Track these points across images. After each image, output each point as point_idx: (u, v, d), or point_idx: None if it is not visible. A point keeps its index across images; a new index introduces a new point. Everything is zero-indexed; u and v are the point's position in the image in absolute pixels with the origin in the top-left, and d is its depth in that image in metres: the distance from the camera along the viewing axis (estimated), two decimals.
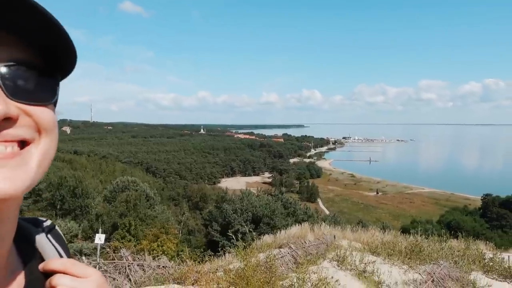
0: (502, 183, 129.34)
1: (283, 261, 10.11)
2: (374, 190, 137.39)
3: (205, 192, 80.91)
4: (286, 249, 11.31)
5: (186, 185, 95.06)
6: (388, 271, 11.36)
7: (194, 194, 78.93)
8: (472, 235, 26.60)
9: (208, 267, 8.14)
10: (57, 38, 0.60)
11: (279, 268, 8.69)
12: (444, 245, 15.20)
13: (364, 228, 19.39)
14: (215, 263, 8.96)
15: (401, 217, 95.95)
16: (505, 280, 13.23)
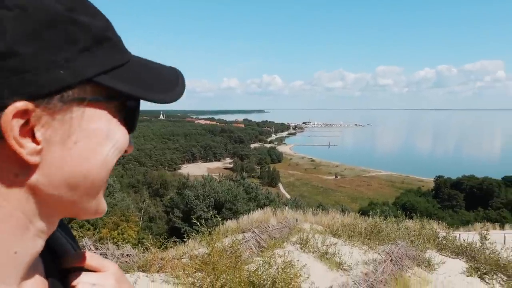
0: (453, 165, 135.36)
1: (248, 245, 10.18)
2: (333, 174, 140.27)
3: (166, 178, 79.98)
4: (250, 234, 11.38)
5: (146, 172, 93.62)
6: (349, 252, 11.68)
7: (154, 181, 77.90)
8: (426, 215, 27.70)
9: (173, 254, 8.08)
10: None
11: (244, 253, 8.75)
12: (401, 225, 15.76)
13: (325, 211, 19.79)
14: (180, 250, 8.90)
15: (359, 200, 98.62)
16: (457, 257, 13.92)
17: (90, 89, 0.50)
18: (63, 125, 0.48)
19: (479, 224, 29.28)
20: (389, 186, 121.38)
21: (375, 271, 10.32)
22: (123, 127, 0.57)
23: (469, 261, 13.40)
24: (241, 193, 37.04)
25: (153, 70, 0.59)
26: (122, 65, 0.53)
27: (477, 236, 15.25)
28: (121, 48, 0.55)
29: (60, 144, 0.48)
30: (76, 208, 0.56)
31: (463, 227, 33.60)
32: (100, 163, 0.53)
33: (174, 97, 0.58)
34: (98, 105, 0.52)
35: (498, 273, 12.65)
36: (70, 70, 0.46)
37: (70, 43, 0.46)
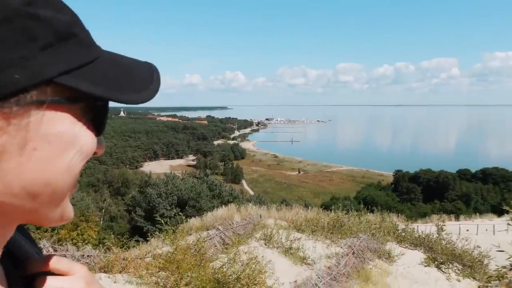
0: (411, 159, 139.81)
1: (212, 243, 10.14)
2: (296, 170, 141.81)
3: (127, 177, 78.45)
4: (214, 231, 11.33)
5: (107, 170, 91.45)
6: (312, 247, 11.84)
7: (115, 179, 76.28)
8: (386, 208, 28.52)
9: (136, 254, 7.93)
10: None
11: (208, 250, 8.70)
12: (362, 219, 16.11)
13: (288, 207, 19.94)
14: (143, 249, 8.75)
15: (322, 195, 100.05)
16: (416, 248, 14.39)
17: (51, 90, 0.45)
18: (19, 130, 0.43)
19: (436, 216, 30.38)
20: (350, 180, 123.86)
21: (337, 265, 10.52)
22: (90, 131, 0.53)
23: (427, 252, 13.88)
24: (205, 190, 36.81)
25: (124, 66, 0.54)
26: (88, 62, 0.49)
27: (434, 228, 15.82)
28: (89, 43, 0.50)
29: (18, 151, 0.44)
30: (38, 216, 0.52)
31: (421, 219, 34.80)
32: (63, 170, 0.49)
33: (147, 96, 0.53)
34: (60, 108, 0.47)
35: (454, 263, 13.18)
36: (27, 70, 0.42)
37: (28, 40, 0.41)
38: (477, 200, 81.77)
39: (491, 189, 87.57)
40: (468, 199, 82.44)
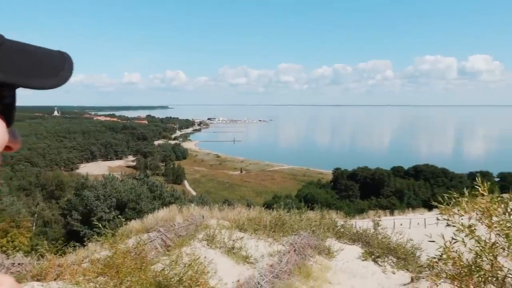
0: (349, 157, 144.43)
1: (153, 245, 9.92)
2: (239, 169, 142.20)
3: (62, 179, 74.99)
4: (155, 233, 11.11)
5: (39, 173, 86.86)
6: (255, 245, 11.92)
7: (49, 182, 72.58)
8: (326, 205, 29.36)
9: (72, 259, 7.57)
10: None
11: (149, 253, 8.50)
12: (303, 217, 16.46)
13: (231, 206, 19.95)
14: (80, 254, 8.38)
15: (264, 194, 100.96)
16: (354, 243, 14.91)
17: None
18: None
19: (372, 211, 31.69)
20: (291, 179, 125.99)
21: (280, 262, 10.66)
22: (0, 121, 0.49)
23: (364, 246, 14.44)
24: (145, 191, 35.95)
25: (31, 54, 0.51)
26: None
27: (371, 223, 16.49)
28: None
29: None
30: None
31: (358, 215, 36.15)
32: None
33: (56, 82, 0.51)
34: None
35: (389, 256, 13.80)
36: None
37: None
38: (409, 196, 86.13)
39: (422, 185, 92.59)
40: (402, 195, 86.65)
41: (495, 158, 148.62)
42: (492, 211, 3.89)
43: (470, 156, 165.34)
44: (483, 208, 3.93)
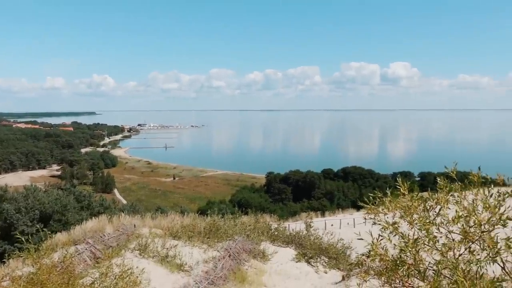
0: (282, 161, 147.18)
1: (82, 258, 9.45)
2: (171, 176, 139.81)
3: None
4: (83, 245, 10.59)
5: None
6: (189, 253, 11.76)
7: None
8: (259, 209, 29.62)
9: None
10: None
11: (78, 266, 8.09)
12: (237, 221, 16.49)
13: (164, 214, 19.54)
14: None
15: (198, 200, 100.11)
16: (288, 246, 15.18)
17: None
18: None
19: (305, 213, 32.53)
20: (225, 184, 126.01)
21: (215, 268, 10.60)
22: None
23: (298, 248, 14.75)
24: (72, 202, 34.19)
25: None
26: None
27: (303, 225, 16.90)
28: None
29: None
30: None
31: (291, 218, 36.88)
32: None
33: None
34: None
35: (321, 256, 14.22)
36: None
37: None
38: (339, 197, 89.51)
39: (350, 186, 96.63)
40: (332, 196, 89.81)
41: (416, 159, 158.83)
42: (413, 209, 4.15)
43: (393, 158, 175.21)
44: (404, 206, 4.19)
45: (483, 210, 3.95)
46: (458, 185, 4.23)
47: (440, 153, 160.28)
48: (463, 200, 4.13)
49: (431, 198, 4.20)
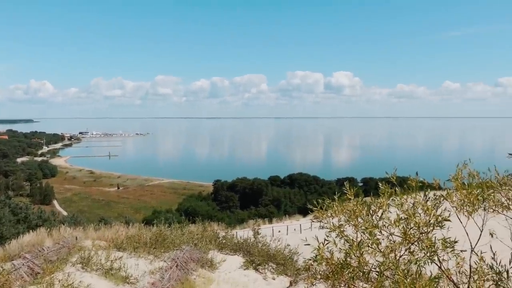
0: (229, 169, 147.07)
1: (19, 274, 8.93)
2: (115, 185, 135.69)
3: None
4: (20, 260, 10.01)
5: None
6: (135, 264, 11.45)
7: None
8: (207, 218, 29.43)
9: None
10: None
11: (14, 283, 7.64)
12: (184, 230, 16.28)
13: (108, 225, 18.94)
14: None
15: (143, 209, 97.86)
16: (235, 254, 15.17)
17: None
18: None
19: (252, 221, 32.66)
20: (172, 193, 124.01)
21: (162, 279, 10.39)
22: None
23: (246, 255, 14.78)
24: (7, 215, 32.24)
25: None
26: None
27: (251, 232, 16.96)
28: None
29: None
30: None
31: (239, 225, 36.91)
32: None
33: None
34: None
35: (269, 263, 14.33)
36: None
37: None
38: (286, 203, 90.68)
39: (297, 192, 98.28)
40: (279, 203, 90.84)
41: (358, 165, 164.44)
42: (358, 213, 4.31)
43: (337, 164, 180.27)
44: (350, 210, 4.34)
45: (421, 212, 4.17)
46: (398, 189, 4.45)
47: (381, 159, 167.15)
48: (404, 203, 4.34)
49: (374, 202, 4.39)
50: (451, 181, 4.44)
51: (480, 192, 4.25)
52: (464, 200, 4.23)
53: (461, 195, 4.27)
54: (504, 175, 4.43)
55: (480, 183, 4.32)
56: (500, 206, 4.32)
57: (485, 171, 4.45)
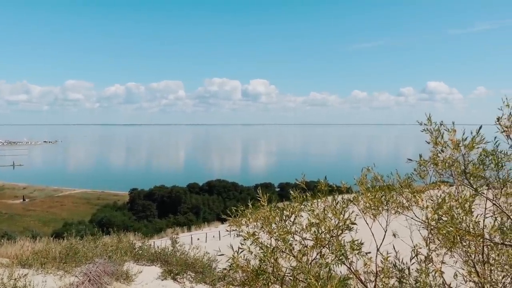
0: (146, 177, 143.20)
1: None
2: (21, 197, 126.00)
3: None
4: None
5: None
6: (42, 281, 10.70)
7: None
8: (123, 228, 28.39)
9: None
10: None
11: None
12: (98, 243, 15.55)
13: (11, 241, 17.58)
14: None
15: (52, 222, 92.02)
16: (153, 264, 14.79)
17: None
18: None
19: (170, 229, 32.12)
20: (84, 203, 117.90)
21: None
22: None
23: (163, 265, 14.45)
24: None
25: None
26: None
27: (170, 241, 16.66)
28: None
29: None
30: None
31: (157, 235, 36.13)
32: None
33: None
34: None
35: (188, 271, 14.15)
36: None
37: None
38: (205, 211, 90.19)
39: (215, 199, 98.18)
40: (198, 210, 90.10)
41: (275, 170, 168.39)
42: (271, 219, 4.43)
43: (255, 170, 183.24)
44: (264, 217, 4.45)
45: (331, 216, 4.39)
46: (309, 194, 4.65)
47: (296, 165, 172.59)
48: (315, 208, 4.54)
49: (286, 208, 4.54)
50: (357, 185, 4.74)
51: (383, 194, 4.57)
52: (369, 203, 4.53)
53: (366, 199, 4.57)
54: (405, 178, 4.79)
55: (382, 186, 4.66)
56: (401, 207, 4.69)
57: (389, 175, 4.80)
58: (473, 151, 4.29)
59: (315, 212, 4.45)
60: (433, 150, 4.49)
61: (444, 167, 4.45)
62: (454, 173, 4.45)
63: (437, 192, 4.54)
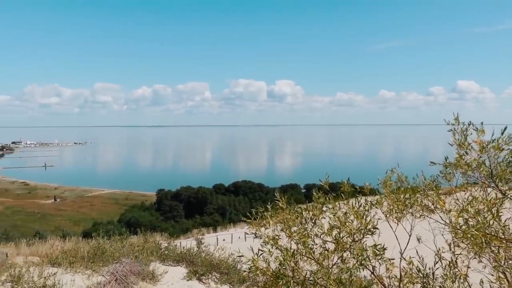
0: (173, 178, 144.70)
1: None
2: (52, 197, 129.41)
3: None
4: None
5: None
6: (71, 280, 10.93)
7: None
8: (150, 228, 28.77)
9: None
10: None
11: None
12: (125, 243, 15.78)
13: (42, 240, 18.03)
14: None
15: (82, 222, 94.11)
16: (178, 264, 14.91)
17: None
18: None
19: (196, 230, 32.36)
20: (113, 204, 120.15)
21: None
22: None
23: (189, 266, 14.55)
24: None
25: None
26: None
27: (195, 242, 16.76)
28: None
29: None
30: None
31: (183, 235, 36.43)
32: None
33: None
34: None
35: (213, 272, 14.20)
36: None
37: None
38: (231, 211, 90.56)
39: (241, 200, 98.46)
40: (224, 211, 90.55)
41: (302, 171, 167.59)
42: (291, 222, 4.38)
43: (281, 171, 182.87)
44: (283, 220, 4.40)
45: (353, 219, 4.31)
46: (331, 196, 4.57)
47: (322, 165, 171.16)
48: (337, 210, 4.46)
49: (307, 210, 4.48)
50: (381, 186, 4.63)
51: (408, 198, 4.45)
52: (393, 206, 4.42)
53: (390, 201, 4.46)
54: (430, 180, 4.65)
55: (406, 188, 4.53)
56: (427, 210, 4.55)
57: (415, 177, 4.67)
58: (502, 153, 4.12)
59: (337, 214, 4.37)
60: (458, 152, 4.34)
61: (468, 170, 4.29)
62: (481, 176, 4.29)
63: (464, 195, 4.39)
